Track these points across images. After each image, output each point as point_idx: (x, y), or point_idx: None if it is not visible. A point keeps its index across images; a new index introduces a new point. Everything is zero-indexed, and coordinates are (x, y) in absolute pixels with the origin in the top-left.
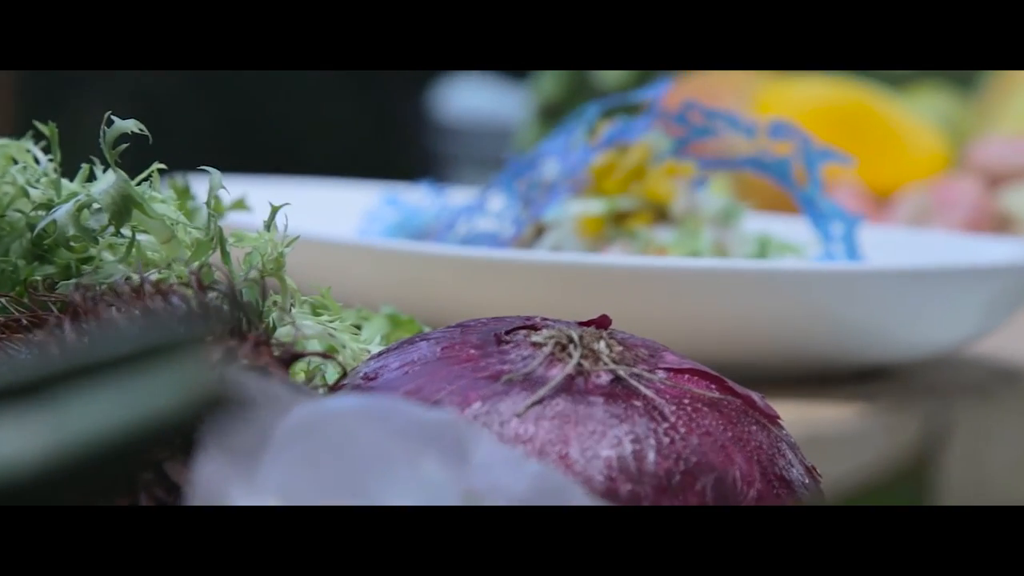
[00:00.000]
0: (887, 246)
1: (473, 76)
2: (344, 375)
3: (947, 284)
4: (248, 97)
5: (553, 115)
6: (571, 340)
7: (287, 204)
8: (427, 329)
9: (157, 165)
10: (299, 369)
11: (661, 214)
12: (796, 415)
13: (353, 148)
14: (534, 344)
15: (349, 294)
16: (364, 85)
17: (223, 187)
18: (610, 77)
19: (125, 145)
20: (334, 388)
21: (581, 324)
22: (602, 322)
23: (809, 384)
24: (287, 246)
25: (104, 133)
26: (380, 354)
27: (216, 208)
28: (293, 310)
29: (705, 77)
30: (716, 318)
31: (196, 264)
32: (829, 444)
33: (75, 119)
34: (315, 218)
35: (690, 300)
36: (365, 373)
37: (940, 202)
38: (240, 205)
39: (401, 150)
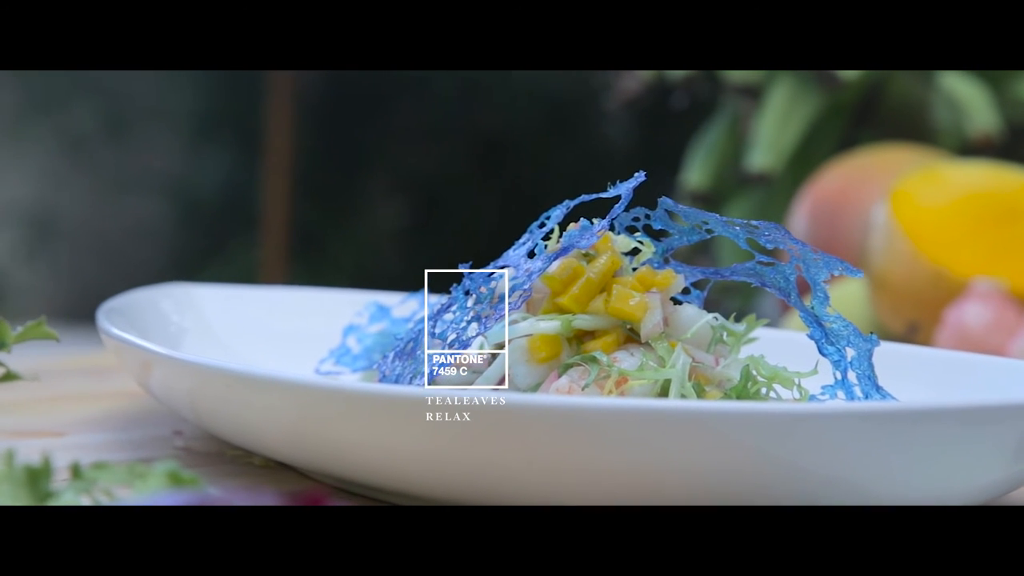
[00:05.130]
0: (927, 370)
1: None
2: None
3: (949, 426)
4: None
5: (705, 204)
6: None
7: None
8: (210, 489)
9: None
10: None
11: (634, 334)
12: None
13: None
14: None
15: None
16: (603, 171)
17: None
18: (757, 162)
19: None
20: None
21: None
22: (313, 498)
23: None
24: None
25: None
26: None
27: None
28: None
29: (855, 161)
30: (649, 466)
31: None
32: None
33: (358, 205)
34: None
35: (610, 445)
36: None
37: None
38: (38, 331)
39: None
